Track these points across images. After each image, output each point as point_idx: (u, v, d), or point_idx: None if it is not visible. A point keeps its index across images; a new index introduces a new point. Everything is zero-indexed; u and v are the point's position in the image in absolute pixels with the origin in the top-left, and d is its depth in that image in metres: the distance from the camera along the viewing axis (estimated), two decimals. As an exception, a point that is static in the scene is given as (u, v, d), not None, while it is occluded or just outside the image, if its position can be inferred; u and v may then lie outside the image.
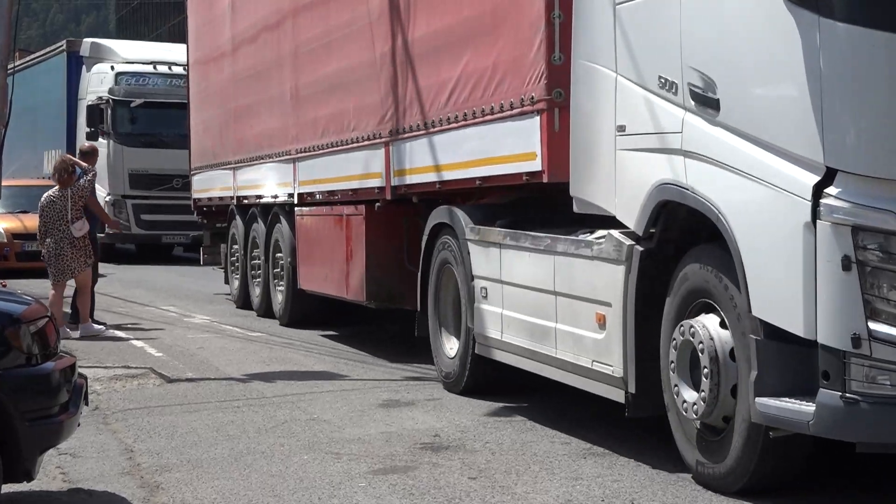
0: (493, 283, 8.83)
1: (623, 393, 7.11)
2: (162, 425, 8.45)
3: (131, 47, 29.27)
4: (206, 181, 17.91)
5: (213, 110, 17.33)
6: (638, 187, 6.97)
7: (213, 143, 17.32)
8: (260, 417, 8.69)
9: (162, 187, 25.79)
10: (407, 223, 11.15)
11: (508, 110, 8.62)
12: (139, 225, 26.14)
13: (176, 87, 25.61)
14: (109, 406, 9.16)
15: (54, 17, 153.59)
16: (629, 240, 7.04)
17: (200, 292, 18.81)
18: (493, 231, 8.82)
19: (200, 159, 18.19)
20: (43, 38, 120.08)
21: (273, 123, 14.41)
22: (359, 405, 9.11)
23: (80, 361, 7.06)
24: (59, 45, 30.55)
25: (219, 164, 16.98)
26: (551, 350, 7.96)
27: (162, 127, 26.01)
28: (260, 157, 14.92)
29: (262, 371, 10.83)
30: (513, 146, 8.61)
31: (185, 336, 13.40)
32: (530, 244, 8.20)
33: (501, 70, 8.75)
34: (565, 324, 7.76)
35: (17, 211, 22.58)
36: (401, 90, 10.61)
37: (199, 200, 18.53)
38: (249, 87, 15.38)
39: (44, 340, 6.05)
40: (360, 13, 11.43)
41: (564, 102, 7.99)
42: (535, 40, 8.19)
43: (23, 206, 22.42)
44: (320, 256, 12.80)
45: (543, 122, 8.15)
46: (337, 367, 10.99)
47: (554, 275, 7.87)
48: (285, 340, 12.94)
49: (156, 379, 10.43)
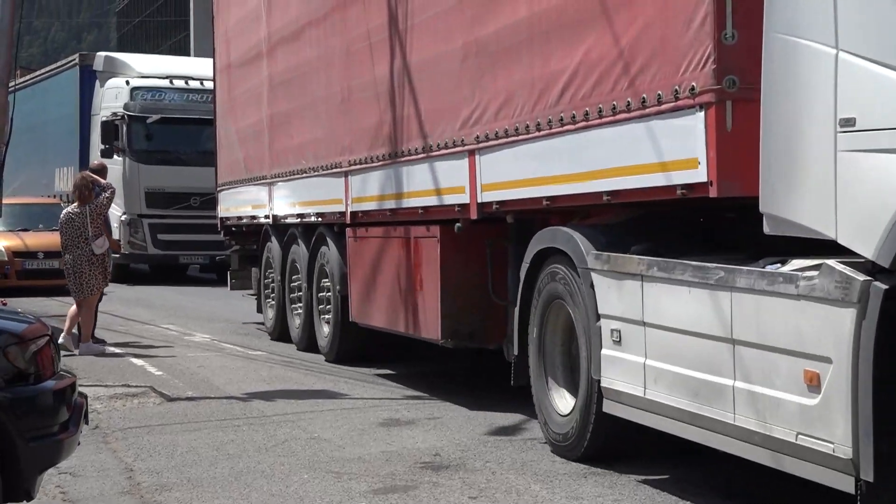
0: (630, 324, 6.95)
1: (852, 480, 5.23)
2: (162, 444, 8.40)
3: (147, 61, 27.90)
4: (236, 198, 16.11)
5: (245, 119, 15.43)
6: (879, 201, 5.12)
7: (244, 156, 15.46)
8: (260, 436, 8.64)
9: (179, 206, 24.75)
10: (491, 247, 9.43)
11: (653, 105, 6.77)
12: (156, 245, 24.93)
13: (193, 102, 25.06)
14: (110, 425, 9.11)
15: (55, 35, 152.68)
16: (861, 273, 5.18)
17: (200, 311, 18.72)
18: (630, 259, 6.94)
19: (229, 174, 16.36)
20: (44, 55, 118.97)
21: (319, 132, 12.60)
22: (359, 424, 9.06)
23: (80, 380, 7.18)
24: (71, 59, 29.20)
25: (251, 178, 15.15)
26: (725, 415, 6.09)
27: (179, 144, 25.12)
28: (302, 170, 13.09)
29: (262, 390, 10.76)
30: (659, 151, 6.75)
31: (186, 354, 13.38)
32: (691, 276, 6.32)
33: (642, 55, 6.91)
34: (750, 382, 5.89)
35: (19, 229, 22.76)
36: (491, 86, 8.77)
37: (227, 219, 16.65)
38: (289, 92, 13.50)
39: (44, 359, 6.03)
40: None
41: (740, 93, 6.18)
42: (697, 13, 6.34)
43: (24, 224, 23.03)
44: (380, 285, 11.04)
45: (710, 119, 6.28)
46: (337, 386, 10.92)
47: (731, 317, 6.00)
48: (286, 360, 12.87)
49: (156, 398, 10.40)
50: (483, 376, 11.34)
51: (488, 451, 8.02)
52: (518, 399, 9.16)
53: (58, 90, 29.57)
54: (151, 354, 13.32)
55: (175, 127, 24.91)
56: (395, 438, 8.52)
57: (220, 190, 16.92)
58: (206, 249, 24.47)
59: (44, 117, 30.05)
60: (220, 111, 16.83)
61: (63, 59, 31.93)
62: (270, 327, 14.94)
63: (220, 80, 16.75)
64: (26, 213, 23.59)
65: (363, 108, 11.30)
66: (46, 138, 29.83)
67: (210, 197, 23.98)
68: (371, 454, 7.96)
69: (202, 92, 24.81)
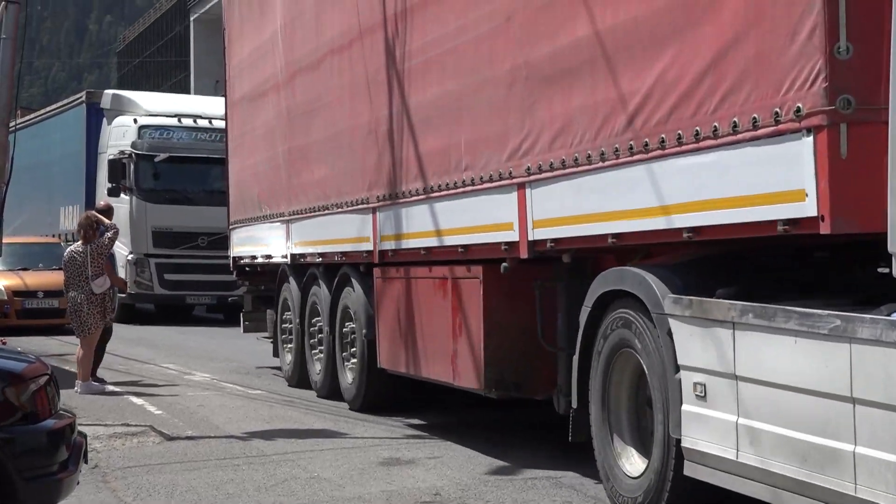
0: (718, 377, 6.13)
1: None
2: (161, 483, 8.36)
3: (154, 99, 27.52)
4: (250, 237, 15.30)
5: (260, 154, 14.63)
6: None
7: (259, 192, 14.66)
8: (260, 475, 8.59)
9: (186, 246, 24.38)
10: (540, 288, 8.55)
11: (747, 130, 5.97)
12: (162, 285, 24.50)
13: (201, 140, 24.76)
14: (109, 464, 9.08)
15: (56, 76, 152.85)
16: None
17: (201, 350, 18.61)
18: (719, 304, 6.11)
19: (242, 212, 15.57)
20: (45, 95, 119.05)
21: (342, 166, 11.78)
22: (359, 463, 9.01)
23: (79, 419, 7.23)
24: (77, 97, 28.91)
25: (267, 216, 14.35)
26: (844, 484, 5.26)
27: (187, 183, 24.87)
28: (324, 206, 12.27)
29: (262, 429, 10.71)
30: (755, 182, 5.94)
31: (185, 394, 13.33)
32: (797, 325, 5.49)
33: (732, 73, 6.12)
34: (876, 448, 5.07)
35: (19, 268, 22.74)
36: (545, 113, 7.99)
37: (240, 259, 15.84)
38: (310, 123, 12.66)
39: (43, 398, 6.07)
40: (485, 14, 8.80)
41: (856, 115, 5.39)
42: (804, 24, 5.56)
43: (24, 263, 23.04)
44: (412, 329, 10.21)
45: (820, 145, 5.49)
46: (337, 425, 10.85)
47: (850, 373, 5.19)
48: (286, 399, 12.78)
49: (155, 437, 10.37)
50: (484, 415, 11.16)
51: (489, 490, 8.00)
52: (518, 439, 9.50)
53: (64, 128, 29.30)
54: (151, 393, 13.30)
55: (183, 166, 24.61)
56: (395, 478, 8.51)
57: (232, 228, 16.17)
58: (213, 290, 24.30)
59: (49, 156, 29.89)
60: (232, 146, 16.07)
61: (69, 98, 31.71)
62: (288, 373, 14.08)
63: (232, 113, 16.04)
64: (26, 252, 23.50)
65: (394, 140, 10.49)
66: (52, 177, 29.61)
67: (218, 236, 23.78)
68: (371, 493, 7.94)
69: (210, 131, 24.62)
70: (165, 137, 24.69)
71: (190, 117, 25.18)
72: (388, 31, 10.57)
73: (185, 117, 25.15)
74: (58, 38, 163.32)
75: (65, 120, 29.39)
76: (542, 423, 10.67)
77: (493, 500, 7.68)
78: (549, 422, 8.97)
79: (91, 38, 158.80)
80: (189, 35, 60.22)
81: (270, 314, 14.93)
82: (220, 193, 24.36)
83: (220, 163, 24.53)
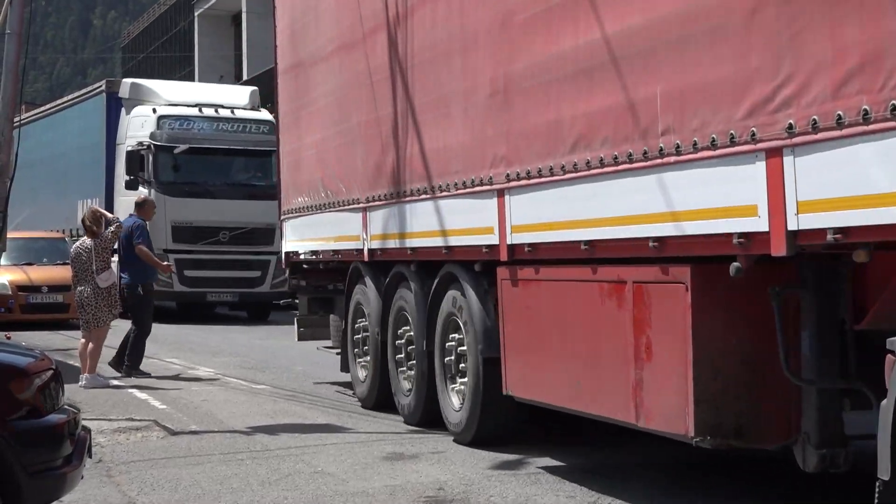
0: None
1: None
2: (165, 478, 8.32)
3: (174, 88, 26.27)
4: (308, 228, 12.79)
5: (326, 129, 12.07)
6: None
7: (323, 175, 12.17)
8: (264, 470, 8.57)
9: (207, 241, 23.44)
10: (779, 298, 6.17)
11: None
12: (182, 282, 23.38)
13: (223, 131, 23.83)
14: (113, 459, 9.05)
15: (61, 71, 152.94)
16: None
17: (204, 345, 18.50)
18: None
19: (298, 198, 13.02)
20: (49, 91, 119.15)
21: (451, 138, 9.29)
22: (363, 458, 8.96)
23: (83, 414, 7.26)
24: (97, 86, 27.46)
25: (334, 203, 11.86)
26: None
27: (208, 175, 23.84)
28: (421, 189, 9.79)
29: (266, 423, 10.64)
30: None
31: (189, 388, 13.30)
32: None
33: None
34: None
35: (23, 263, 22.65)
36: (816, 43, 5.51)
37: (295, 255, 13.27)
38: (400, 88, 10.20)
39: (48, 393, 6.08)
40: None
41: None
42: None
43: (28, 258, 22.97)
44: (563, 349, 7.90)
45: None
46: (341, 420, 10.79)
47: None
48: (289, 393, 12.68)
49: (159, 431, 10.34)
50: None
51: (492, 485, 7.94)
52: (521, 433, 9.31)
53: (82, 118, 28.01)
54: (155, 387, 13.22)
55: (204, 157, 23.66)
56: (398, 472, 8.45)
57: (285, 218, 13.62)
58: (235, 287, 23.57)
59: (65, 147, 28.93)
60: (284, 122, 13.60)
61: (79, 90, 30.77)
62: (364, 393, 11.61)
63: (284, 83, 13.49)
64: (31, 247, 23.48)
65: (533, 101, 8.03)
66: (68, 169, 28.45)
67: (241, 231, 23.60)
68: (375, 488, 7.91)
69: (233, 121, 23.97)
70: (185, 128, 23.67)
71: (211, 107, 24.20)
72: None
73: (207, 107, 24.15)
74: (62, 33, 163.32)
75: (83, 110, 28.07)
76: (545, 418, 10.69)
77: (497, 495, 7.64)
78: (552, 417, 8.88)
79: (95, 34, 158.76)
80: (193, 30, 60.15)
81: (335, 320, 12.83)
82: (243, 186, 24.09)
83: (242, 154, 24.19)
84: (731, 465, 8.28)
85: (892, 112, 5.02)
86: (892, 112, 5.02)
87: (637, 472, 8.29)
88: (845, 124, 5.32)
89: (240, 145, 23.96)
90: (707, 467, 8.38)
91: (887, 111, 5.05)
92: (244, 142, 23.99)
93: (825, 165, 5.48)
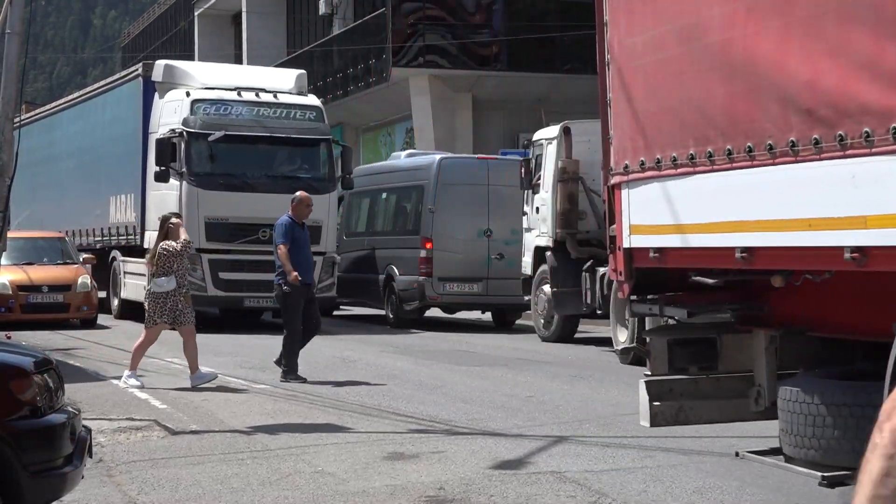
0: None
1: None
2: (166, 478, 8.32)
3: (212, 71, 23.33)
4: (690, 204, 6.46)
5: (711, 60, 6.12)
6: None
7: (725, 106, 6.09)
8: (264, 470, 8.56)
9: (245, 239, 20.78)
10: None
11: None
12: (216, 285, 20.87)
13: (264, 117, 21.28)
14: (113, 458, 9.05)
15: (61, 70, 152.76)
16: None
17: (204, 345, 17.65)
18: None
19: (656, 148, 6.73)
20: (49, 90, 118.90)
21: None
22: (363, 458, 8.98)
23: (84, 414, 7.29)
24: (133, 70, 24.61)
25: (735, 158, 5.94)
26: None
27: (246, 166, 21.19)
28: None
29: (266, 423, 10.63)
30: None
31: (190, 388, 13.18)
32: None
33: None
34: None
35: (23, 263, 22.37)
36: None
37: (641, 251, 6.98)
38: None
39: (49, 393, 6.08)
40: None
41: None
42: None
43: (29, 258, 22.73)
44: None
45: None
46: (342, 420, 10.79)
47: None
48: (290, 393, 12.70)
49: (160, 431, 10.32)
50: (487, 411, 11.01)
51: (493, 485, 7.95)
52: (522, 433, 9.44)
53: (116, 106, 25.08)
54: (155, 387, 13.15)
55: (242, 146, 21.03)
56: (399, 472, 8.44)
57: (627, 182, 7.12)
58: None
59: (92, 140, 26.46)
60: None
61: (124, 71, 27.34)
62: None
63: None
64: (31, 247, 23.33)
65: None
66: (99, 163, 25.83)
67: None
68: (375, 488, 7.91)
69: (275, 106, 21.48)
70: (222, 113, 21.08)
71: (251, 90, 21.55)
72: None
73: (246, 90, 21.48)
74: (62, 33, 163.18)
75: (117, 97, 25.03)
76: (545, 418, 10.72)
77: (497, 495, 7.64)
78: (553, 418, 8.94)
79: (95, 33, 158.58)
80: (193, 30, 60.11)
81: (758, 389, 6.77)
82: (286, 179, 20.69)
83: (285, 143, 21.42)
84: (731, 466, 8.29)
85: None
86: None
87: (637, 473, 8.31)
88: None
89: (283, 133, 21.41)
90: (707, 467, 8.41)
91: None
92: (288, 129, 21.49)
93: None
